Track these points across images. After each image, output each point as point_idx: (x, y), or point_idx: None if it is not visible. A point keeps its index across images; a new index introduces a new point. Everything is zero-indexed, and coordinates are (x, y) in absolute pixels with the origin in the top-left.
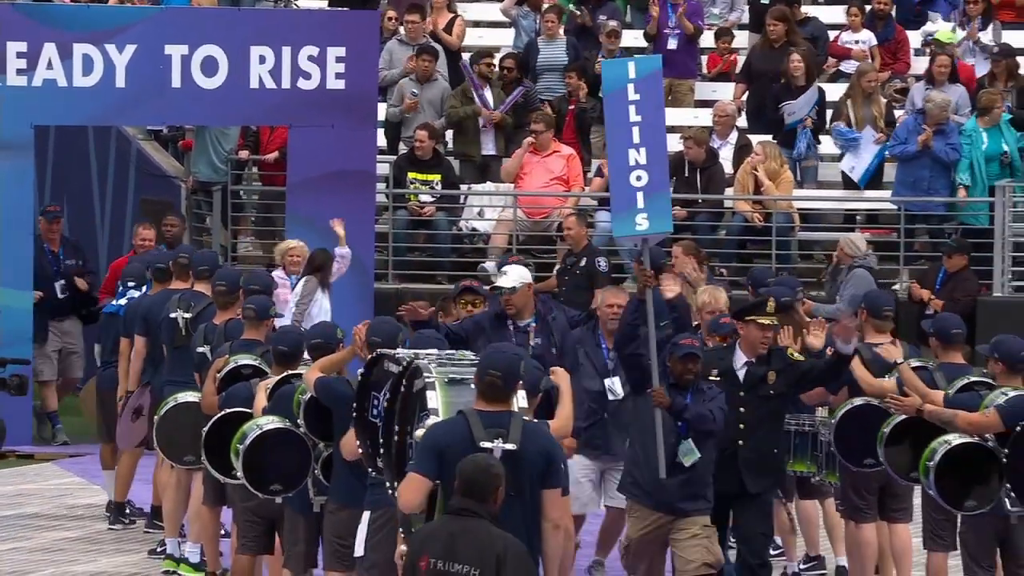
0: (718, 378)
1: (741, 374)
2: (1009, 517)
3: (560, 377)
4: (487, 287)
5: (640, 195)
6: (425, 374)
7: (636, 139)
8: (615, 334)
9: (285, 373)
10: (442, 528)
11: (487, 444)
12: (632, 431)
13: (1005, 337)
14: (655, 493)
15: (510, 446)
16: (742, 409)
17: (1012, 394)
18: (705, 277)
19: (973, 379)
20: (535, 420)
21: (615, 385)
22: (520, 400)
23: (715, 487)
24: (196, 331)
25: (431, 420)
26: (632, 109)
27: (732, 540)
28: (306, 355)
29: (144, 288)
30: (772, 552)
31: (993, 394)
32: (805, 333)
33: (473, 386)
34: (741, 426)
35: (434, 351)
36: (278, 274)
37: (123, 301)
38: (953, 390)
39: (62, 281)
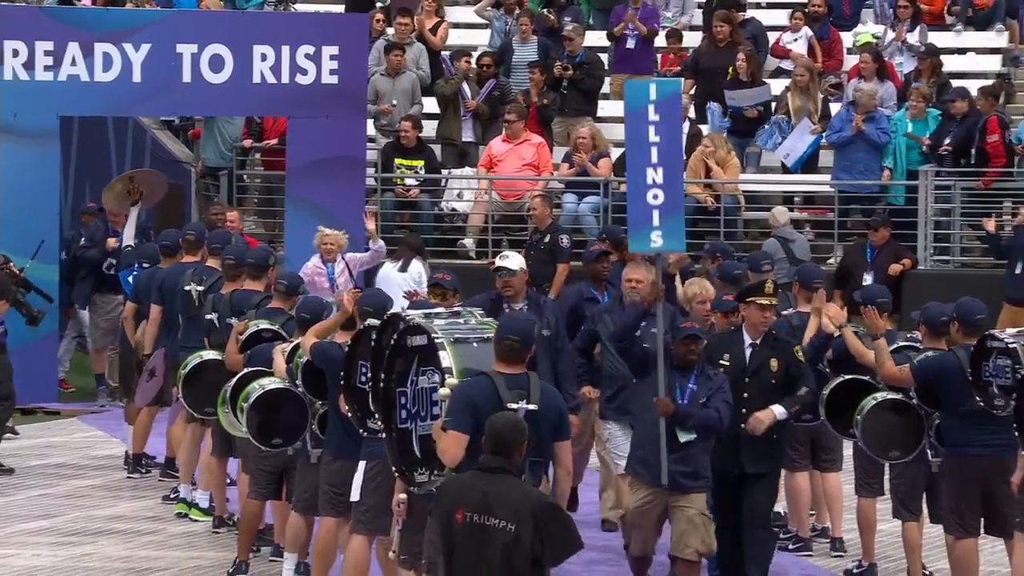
0: (728, 363)
1: (747, 357)
2: (931, 465)
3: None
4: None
5: (656, 213)
6: (432, 333)
7: (654, 159)
8: (614, 327)
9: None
10: (475, 484)
11: (513, 405)
12: (634, 411)
13: (931, 304)
14: (656, 469)
15: (532, 406)
16: (745, 394)
17: (928, 355)
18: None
19: (900, 343)
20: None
21: None
22: None
23: (718, 467)
24: (206, 301)
25: (449, 379)
26: (652, 129)
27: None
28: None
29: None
30: None
31: (919, 355)
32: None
33: (474, 344)
34: (743, 410)
35: (438, 311)
36: (315, 262)
37: (131, 275)
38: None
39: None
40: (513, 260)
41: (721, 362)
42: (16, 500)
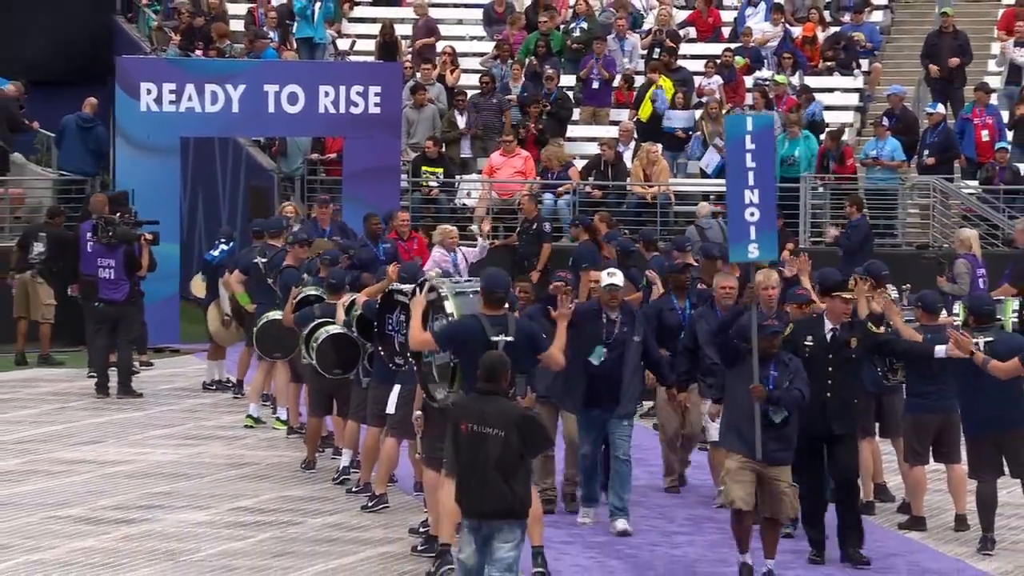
0: (812, 343)
1: (829, 338)
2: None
3: (560, 316)
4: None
5: (753, 228)
6: (439, 289)
7: (751, 182)
8: (713, 325)
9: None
10: (474, 403)
11: (495, 338)
12: (727, 398)
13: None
14: (752, 444)
15: (509, 338)
16: (830, 368)
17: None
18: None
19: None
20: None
21: None
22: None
23: (807, 431)
24: (272, 268)
25: (452, 319)
26: (748, 156)
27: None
28: None
29: (231, 244)
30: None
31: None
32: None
33: (470, 295)
34: (829, 381)
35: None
36: (441, 252)
37: (216, 252)
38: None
39: None
40: (618, 277)
41: (805, 343)
42: (150, 413)
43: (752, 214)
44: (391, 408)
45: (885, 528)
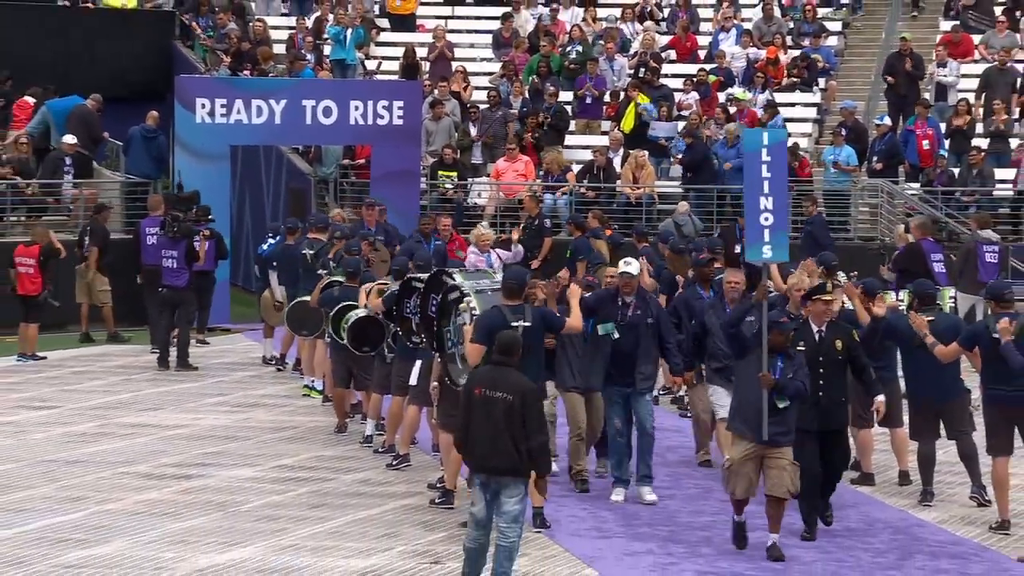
0: (803, 347)
1: (817, 340)
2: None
3: (572, 293)
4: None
5: (767, 231)
6: (462, 288)
7: (766, 190)
8: (727, 318)
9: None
10: (488, 372)
11: (515, 324)
12: (736, 385)
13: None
14: (756, 430)
15: (527, 323)
16: (821, 370)
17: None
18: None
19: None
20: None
21: None
22: None
23: (801, 426)
24: (319, 260)
25: (475, 313)
26: (764, 167)
27: None
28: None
29: (278, 238)
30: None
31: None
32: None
33: (489, 293)
34: (820, 382)
35: (465, 276)
36: (473, 250)
37: (265, 246)
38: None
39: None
40: (634, 266)
41: (798, 347)
42: (204, 384)
43: (767, 219)
44: (413, 380)
45: (839, 484)
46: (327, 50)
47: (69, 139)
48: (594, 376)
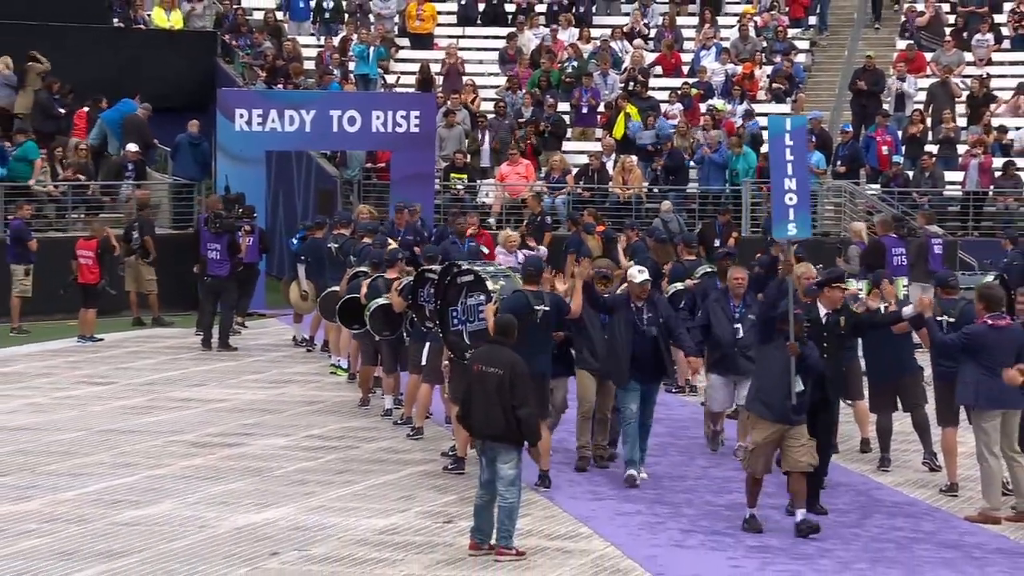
0: (809, 325)
1: (824, 321)
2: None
3: (578, 282)
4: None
5: (791, 210)
6: (476, 271)
7: (789, 172)
8: (761, 303)
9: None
10: (486, 350)
11: (537, 307)
12: (758, 369)
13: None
14: (778, 411)
15: (546, 307)
16: (824, 344)
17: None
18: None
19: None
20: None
21: (739, 330)
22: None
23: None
24: (345, 252)
25: (495, 296)
26: (787, 151)
27: None
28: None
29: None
30: None
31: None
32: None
33: (502, 279)
34: (824, 356)
35: (477, 264)
36: (501, 251)
37: (295, 240)
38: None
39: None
40: (645, 274)
41: (804, 325)
42: (243, 363)
43: (791, 199)
44: (423, 360)
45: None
46: (352, 66)
47: (132, 148)
48: (618, 374)
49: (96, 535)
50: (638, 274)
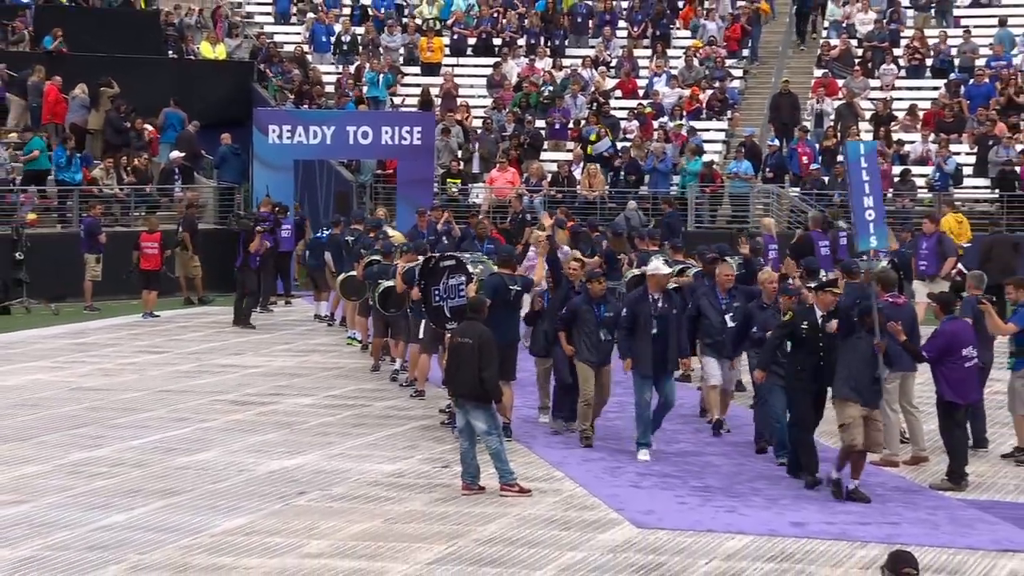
0: (807, 327)
1: (820, 321)
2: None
3: (540, 254)
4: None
5: (871, 224)
6: (464, 260)
7: (867, 191)
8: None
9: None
10: (463, 326)
11: (512, 287)
12: (844, 360)
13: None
14: (865, 395)
15: (519, 288)
16: (820, 344)
17: None
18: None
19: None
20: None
21: (728, 320)
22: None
23: (801, 385)
24: (361, 245)
25: (476, 280)
26: (864, 172)
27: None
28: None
29: (329, 229)
30: None
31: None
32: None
33: (480, 266)
34: (821, 353)
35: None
36: (533, 251)
37: (319, 234)
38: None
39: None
40: (667, 267)
41: (802, 327)
42: (274, 336)
43: (870, 215)
44: (421, 334)
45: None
46: (365, 90)
47: (176, 155)
48: (641, 365)
49: (155, 476)
50: (663, 266)
